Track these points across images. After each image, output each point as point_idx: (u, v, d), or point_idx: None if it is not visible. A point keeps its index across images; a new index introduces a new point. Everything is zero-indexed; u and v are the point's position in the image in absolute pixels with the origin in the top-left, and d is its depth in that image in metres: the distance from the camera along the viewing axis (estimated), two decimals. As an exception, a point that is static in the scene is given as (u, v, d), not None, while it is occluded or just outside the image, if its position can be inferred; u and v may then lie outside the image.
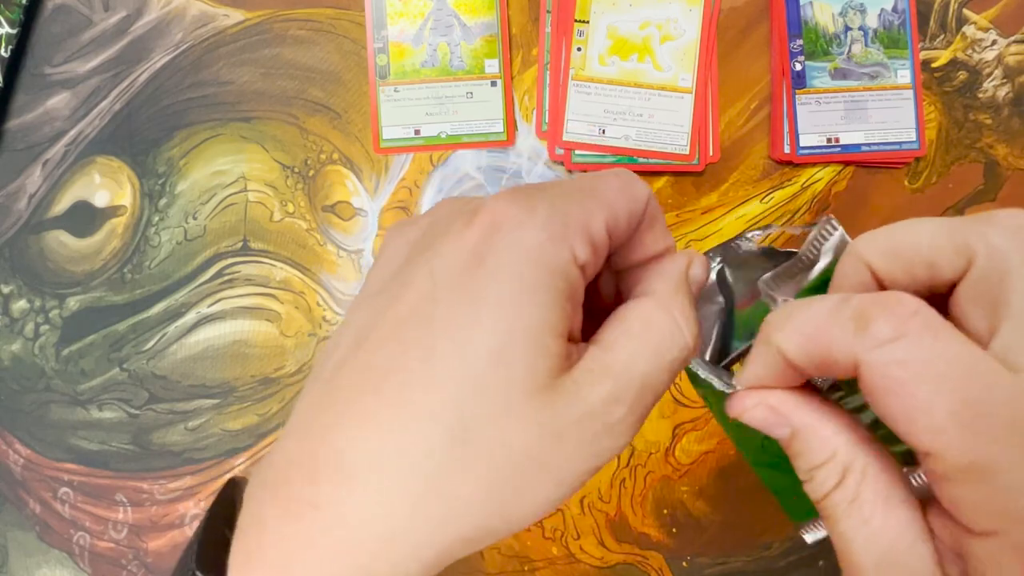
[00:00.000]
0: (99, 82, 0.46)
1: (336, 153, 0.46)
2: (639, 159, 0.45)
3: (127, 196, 0.46)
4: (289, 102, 0.46)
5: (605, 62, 0.45)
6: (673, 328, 0.21)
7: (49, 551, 0.45)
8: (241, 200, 0.46)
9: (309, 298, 0.45)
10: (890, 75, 0.46)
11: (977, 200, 0.46)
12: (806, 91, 0.46)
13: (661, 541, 0.45)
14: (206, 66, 0.46)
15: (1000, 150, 0.46)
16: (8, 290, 0.46)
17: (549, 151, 0.46)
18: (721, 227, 0.46)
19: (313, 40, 0.46)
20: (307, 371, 0.45)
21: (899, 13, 0.46)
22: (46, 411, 0.45)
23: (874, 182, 0.46)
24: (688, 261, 0.23)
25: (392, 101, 0.46)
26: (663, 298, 0.22)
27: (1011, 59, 0.46)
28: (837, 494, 0.20)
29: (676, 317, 0.21)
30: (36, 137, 0.46)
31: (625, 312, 0.22)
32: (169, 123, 0.46)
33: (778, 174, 0.46)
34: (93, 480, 0.45)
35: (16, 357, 0.45)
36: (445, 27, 0.46)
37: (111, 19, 0.46)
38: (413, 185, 0.46)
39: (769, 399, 0.21)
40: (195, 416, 0.45)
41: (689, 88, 0.45)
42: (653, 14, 0.45)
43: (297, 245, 0.46)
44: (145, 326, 0.45)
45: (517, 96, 0.46)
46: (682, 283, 0.22)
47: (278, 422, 0.45)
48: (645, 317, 0.21)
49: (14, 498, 0.45)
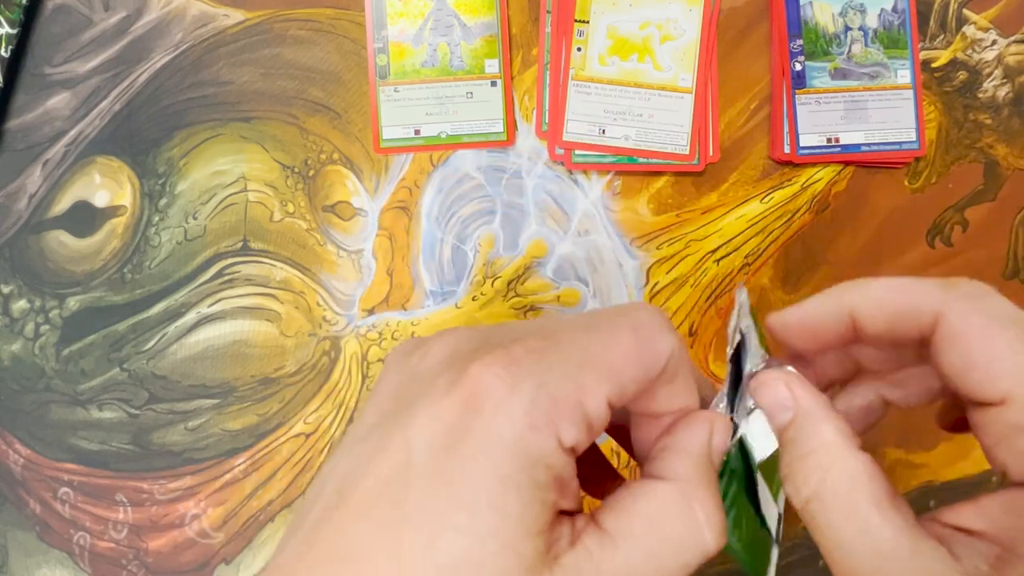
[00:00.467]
0: (99, 82, 0.46)
1: (336, 153, 0.46)
2: (639, 159, 0.45)
3: (127, 196, 0.46)
4: (289, 102, 0.46)
5: (605, 62, 0.45)
6: (694, 529, 0.19)
7: (49, 551, 0.45)
8: (241, 200, 0.46)
9: (309, 298, 0.46)
10: (890, 75, 0.46)
11: (977, 200, 0.46)
12: (806, 91, 0.46)
13: (661, 541, 0.45)
14: (206, 66, 0.46)
15: (1000, 150, 0.46)
16: (8, 290, 0.46)
17: (549, 151, 0.46)
18: (721, 227, 0.46)
19: (313, 40, 0.46)
20: (307, 371, 0.45)
21: (899, 13, 0.46)
22: (46, 411, 0.45)
23: (874, 182, 0.46)
24: (710, 431, 0.21)
25: (392, 101, 0.46)
26: (685, 488, 0.20)
27: (1011, 59, 0.46)
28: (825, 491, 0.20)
29: (698, 515, 0.19)
30: (36, 137, 0.46)
31: (639, 498, 0.20)
32: (169, 123, 0.46)
33: (778, 174, 0.46)
34: (93, 480, 0.45)
35: (16, 357, 0.45)
36: (445, 27, 0.46)
37: (111, 19, 0.46)
38: (413, 185, 0.46)
39: (787, 377, 0.22)
40: (195, 416, 0.45)
41: (689, 88, 0.45)
42: (653, 14, 0.45)
43: (297, 245, 0.46)
44: (145, 326, 0.45)
45: (517, 96, 0.46)
46: (706, 465, 0.20)
47: (278, 422, 0.45)
48: (662, 513, 0.19)
49: (14, 498, 0.45)
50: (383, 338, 0.45)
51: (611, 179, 0.46)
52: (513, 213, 0.46)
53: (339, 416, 0.45)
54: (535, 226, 0.46)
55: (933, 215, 0.46)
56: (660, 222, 0.46)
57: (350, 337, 0.45)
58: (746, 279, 0.45)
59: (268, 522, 0.45)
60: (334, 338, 0.45)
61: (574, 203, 0.46)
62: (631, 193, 0.46)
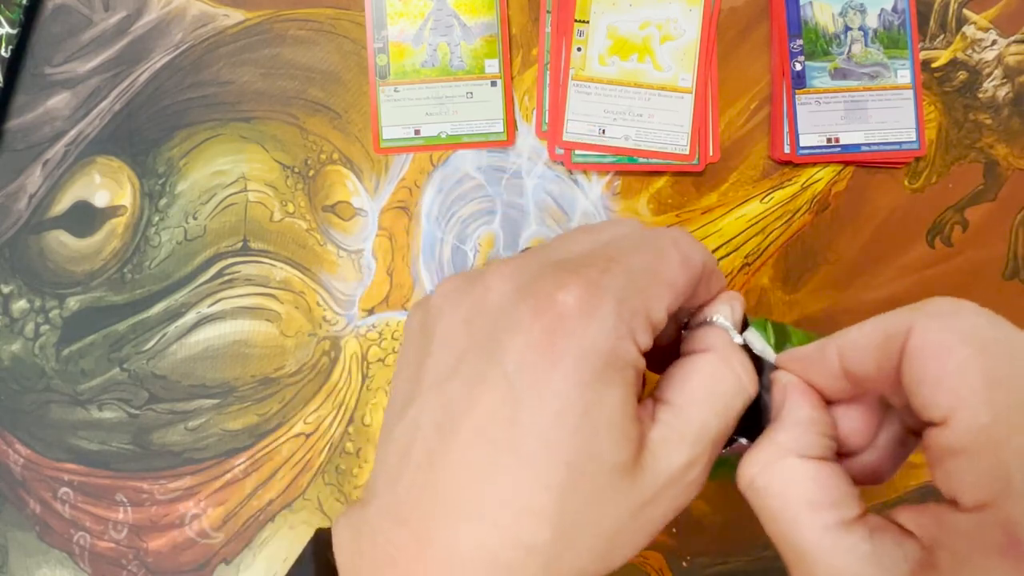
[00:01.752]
0: (99, 82, 0.46)
1: (336, 153, 0.46)
2: (639, 159, 0.45)
3: (127, 196, 0.46)
4: (289, 102, 0.46)
5: (605, 62, 0.45)
6: (736, 383, 0.23)
7: (49, 551, 0.45)
8: (241, 200, 0.46)
9: (309, 298, 0.46)
10: (890, 75, 0.46)
11: (977, 200, 0.46)
12: (806, 91, 0.46)
13: (661, 541, 0.45)
14: (206, 66, 0.46)
15: (1000, 150, 0.46)
16: (8, 290, 0.46)
17: (549, 151, 0.46)
18: (721, 227, 0.46)
19: (313, 40, 0.46)
20: (307, 371, 0.45)
21: (899, 13, 0.46)
22: (46, 411, 0.45)
23: (874, 182, 0.46)
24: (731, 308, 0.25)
25: (392, 101, 0.46)
26: (724, 353, 0.24)
27: (1011, 59, 0.46)
28: None
29: (738, 371, 0.23)
30: (36, 137, 0.46)
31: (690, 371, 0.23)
32: (169, 123, 0.46)
33: (778, 174, 0.46)
34: (93, 480, 0.45)
35: (16, 357, 0.45)
36: (445, 27, 0.46)
37: (111, 19, 0.46)
38: (413, 185, 0.46)
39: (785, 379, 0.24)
40: (195, 416, 0.45)
41: (689, 88, 0.45)
42: (653, 14, 0.45)
43: (297, 245, 0.46)
44: (145, 326, 0.45)
45: (517, 96, 0.46)
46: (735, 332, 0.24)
47: (278, 422, 0.45)
48: (711, 376, 0.23)
49: (14, 498, 0.45)
50: (383, 338, 0.45)
51: (611, 179, 0.46)
52: (513, 213, 0.46)
53: (339, 416, 0.45)
54: (535, 226, 0.46)
55: (933, 215, 0.46)
56: (660, 222, 0.46)
57: (350, 337, 0.45)
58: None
59: (268, 522, 0.45)
60: (334, 338, 0.45)
61: (574, 203, 0.46)
62: (631, 193, 0.46)
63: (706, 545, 0.45)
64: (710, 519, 0.45)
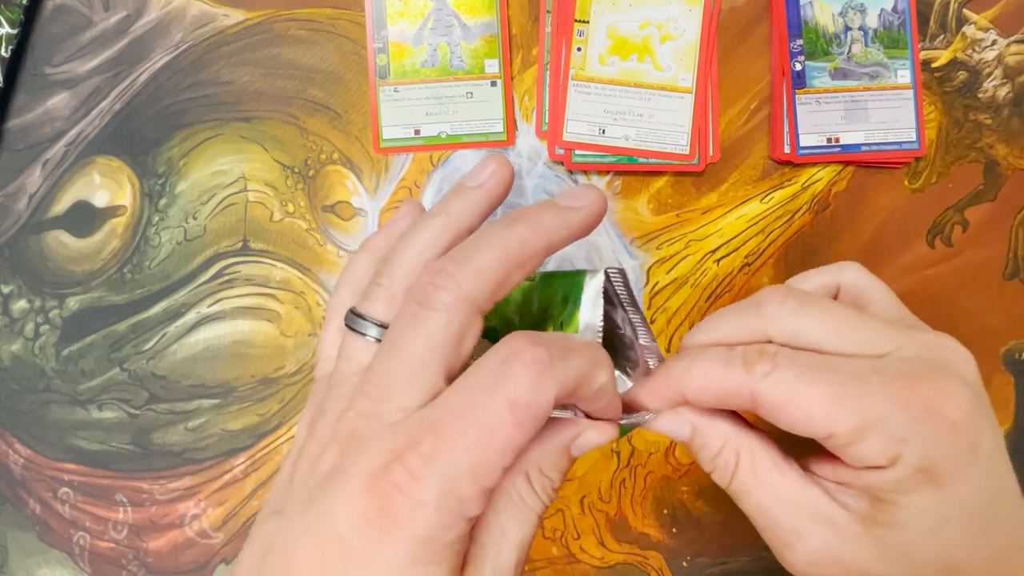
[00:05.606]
0: (99, 82, 0.46)
1: (336, 153, 0.46)
2: (639, 159, 0.45)
3: (127, 196, 0.46)
4: (289, 102, 0.46)
5: (605, 62, 0.45)
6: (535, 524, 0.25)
7: (49, 551, 0.45)
8: (241, 200, 0.46)
9: (309, 298, 0.46)
10: (890, 75, 0.46)
11: (977, 200, 0.46)
12: (806, 91, 0.46)
13: (661, 541, 0.45)
14: (206, 66, 0.46)
15: (1000, 150, 0.46)
16: (8, 290, 0.46)
17: (549, 151, 0.46)
18: (721, 227, 0.46)
19: (313, 40, 0.46)
20: (307, 371, 0.45)
21: (899, 13, 0.46)
22: (46, 411, 0.45)
23: (874, 182, 0.46)
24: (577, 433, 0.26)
25: (392, 101, 0.46)
26: None
27: (1011, 59, 0.46)
28: (740, 473, 0.26)
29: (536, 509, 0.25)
30: (36, 137, 0.46)
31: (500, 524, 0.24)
32: (169, 123, 0.46)
33: (778, 174, 0.46)
34: (93, 480, 0.45)
35: (16, 357, 0.45)
36: (445, 27, 0.46)
37: (111, 19, 0.46)
38: (413, 185, 0.46)
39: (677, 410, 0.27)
40: (195, 416, 0.45)
41: (689, 88, 0.45)
42: (653, 14, 0.45)
43: (297, 245, 0.46)
44: (145, 326, 0.45)
45: (517, 96, 0.46)
46: None
47: (278, 422, 0.45)
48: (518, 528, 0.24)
49: (14, 498, 0.45)
50: (383, 338, 0.45)
51: (611, 179, 0.46)
52: (513, 213, 0.46)
53: (339, 416, 0.45)
54: (535, 226, 0.46)
55: (933, 215, 0.46)
56: (660, 222, 0.46)
57: (350, 337, 0.45)
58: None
59: (268, 522, 0.45)
60: (334, 338, 0.45)
61: (574, 203, 0.46)
62: (631, 193, 0.46)
63: (706, 545, 0.45)
64: (710, 519, 0.45)
